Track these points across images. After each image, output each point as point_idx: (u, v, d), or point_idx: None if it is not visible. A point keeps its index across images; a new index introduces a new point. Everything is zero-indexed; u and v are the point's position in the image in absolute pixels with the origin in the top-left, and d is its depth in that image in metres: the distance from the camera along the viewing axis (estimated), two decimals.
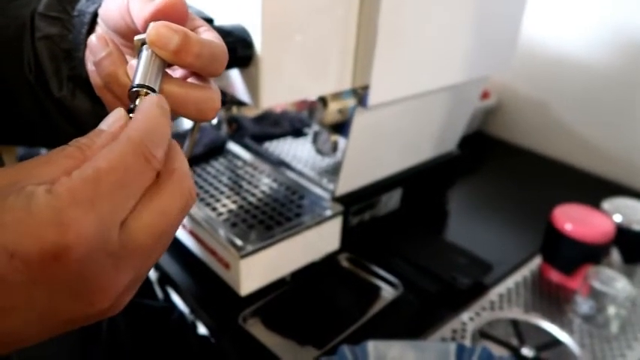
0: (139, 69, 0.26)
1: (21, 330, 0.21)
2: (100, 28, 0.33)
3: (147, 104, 0.24)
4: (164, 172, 0.24)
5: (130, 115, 0.25)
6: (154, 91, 0.26)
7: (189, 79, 0.30)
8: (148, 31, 0.27)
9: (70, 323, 0.22)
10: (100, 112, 0.35)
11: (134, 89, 0.26)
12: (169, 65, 0.28)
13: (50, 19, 0.35)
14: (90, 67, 0.32)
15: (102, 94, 0.32)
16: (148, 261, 0.23)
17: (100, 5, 0.33)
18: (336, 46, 0.53)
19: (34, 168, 0.21)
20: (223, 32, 0.47)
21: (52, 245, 0.19)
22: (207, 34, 0.29)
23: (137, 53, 0.27)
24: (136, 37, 0.28)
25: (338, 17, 0.52)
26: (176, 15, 0.28)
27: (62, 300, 0.21)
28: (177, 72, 0.30)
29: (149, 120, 0.24)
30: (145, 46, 0.27)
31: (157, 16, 0.27)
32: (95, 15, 0.34)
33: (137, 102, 0.26)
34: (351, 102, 0.66)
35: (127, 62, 0.29)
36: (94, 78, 0.31)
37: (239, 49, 0.47)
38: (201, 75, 0.30)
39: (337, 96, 0.68)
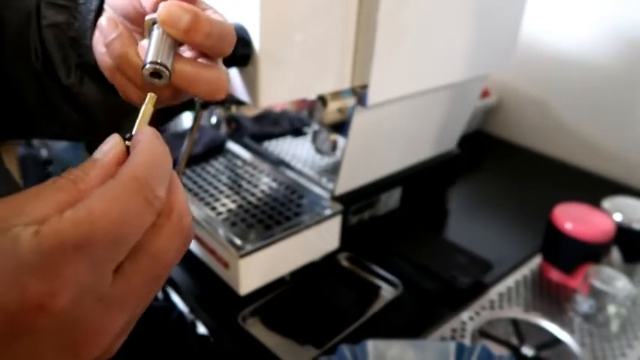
0: (151, 47, 0.26)
1: None
2: (107, 14, 0.33)
3: (147, 135, 0.23)
4: (163, 210, 0.22)
5: (127, 142, 0.23)
6: (167, 68, 0.26)
7: (199, 60, 0.30)
8: (159, 10, 0.27)
9: None
10: (109, 100, 0.35)
11: (147, 66, 0.26)
12: (179, 45, 0.28)
13: (57, 7, 0.35)
14: (100, 49, 0.32)
15: (112, 76, 0.32)
16: (142, 303, 0.22)
17: None
18: (335, 45, 0.53)
19: (24, 202, 0.20)
20: None
21: (36, 295, 0.18)
22: (215, 16, 0.30)
23: (148, 33, 0.28)
24: (147, 17, 0.28)
25: (337, 16, 0.51)
26: None
27: (46, 352, 0.19)
28: (185, 54, 0.31)
29: (152, 154, 0.22)
30: (155, 25, 0.27)
31: None
32: (102, 2, 0.34)
33: (152, 80, 0.26)
34: (350, 101, 0.66)
35: (137, 43, 0.29)
36: (104, 60, 0.31)
37: (238, 47, 0.47)
38: (209, 56, 0.30)
39: (337, 95, 0.68)
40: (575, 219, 0.65)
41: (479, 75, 0.72)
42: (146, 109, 0.26)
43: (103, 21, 0.30)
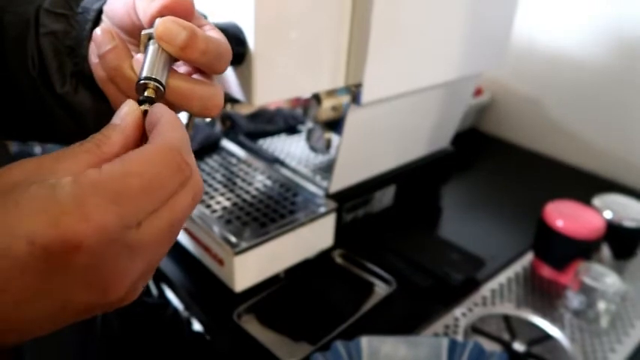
0: (146, 62, 0.27)
1: (37, 319, 0.21)
2: (104, 25, 0.34)
3: (166, 110, 0.25)
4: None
5: (142, 107, 0.25)
6: (161, 84, 0.26)
7: (194, 76, 0.30)
8: (155, 25, 0.27)
9: (84, 313, 0.22)
10: (101, 108, 0.35)
11: (141, 82, 0.26)
12: (174, 61, 0.28)
13: (55, 16, 0.35)
14: (93, 59, 0.32)
15: (105, 87, 0.32)
16: (159, 252, 0.24)
17: (104, 2, 0.33)
18: (330, 44, 0.53)
19: (56, 162, 0.22)
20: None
21: (72, 233, 0.19)
22: (212, 33, 0.30)
23: (144, 47, 0.28)
24: (143, 32, 0.28)
25: (331, 15, 0.52)
26: (183, 12, 0.28)
27: (78, 288, 0.21)
28: (181, 68, 0.31)
29: (180, 126, 0.24)
30: (151, 41, 0.27)
31: (163, 13, 0.28)
32: (100, 12, 0.34)
33: (145, 94, 0.26)
34: (345, 99, 0.67)
35: (132, 56, 0.29)
36: (98, 71, 0.31)
37: (232, 46, 0.47)
38: (204, 72, 0.30)
39: (331, 93, 0.68)
40: (566, 216, 0.65)
41: (472, 73, 0.72)
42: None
43: (98, 32, 0.30)
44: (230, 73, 0.51)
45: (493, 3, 0.68)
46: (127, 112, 0.25)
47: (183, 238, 0.67)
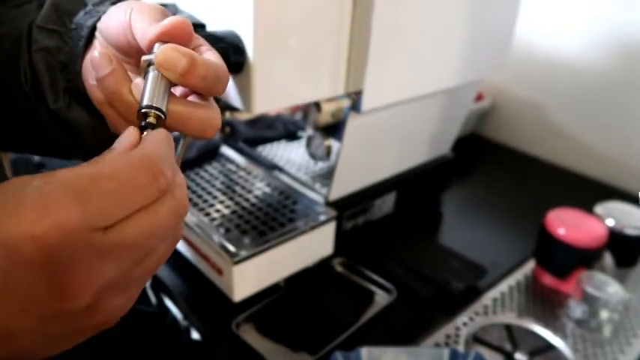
0: (147, 89, 0.27)
1: (3, 325, 0.21)
2: (98, 42, 0.33)
3: (159, 130, 0.26)
4: (169, 187, 0.24)
5: (143, 131, 0.26)
6: (162, 111, 0.27)
7: (191, 97, 0.30)
8: (155, 53, 0.27)
9: (53, 322, 0.22)
10: (97, 124, 0.35)
11: (143, 110, 0.27)
12: (173, 85, 0.28)
13: (48, 32, 0.35)
14: (90, 81, 0.32)
15: (103, 109, 0.32)
16: (137, 265, 0.23)
17: (98, 19, 0.33)
18: (329, 53, 0.53)
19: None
20: (215, 38, 0.47)
21: (31, 225, 0.19)
22: (209, 54, 0.30)
23: (144, 73, 0.28)
24: (143, 58, 0.28)
25: (330, 24, 0.51)
26: (182, 37, 0.28)
27: (38, 285, 0.20)
28: (178, 89, 0.31)
29: (163, 140, 0.25)
30: (151, 67, 0.27)
31: (162, 37, 0.28)
32: (93, 29, 0.34)
33: (147, 120, 0.27)
34: (345, 102, 0.66)
35: (130, 80, 0.29)
36: (95, 93, 0.31)
37: (231, 55, 0.47)
38: (202, 94, 0.30)
39: (331, 98, 0.67)
40: (568, 224, 0.65)
41: (473, 80, 0.72)
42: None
43: (95, 55, 0.29)
44: (229, 81, 0.51)
45: (494, 8, 0.68)
46: (126, 136, 0.26)
47: (181, 246, 0.67)
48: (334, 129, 0.71)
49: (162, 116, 0.27)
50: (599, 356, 0.57)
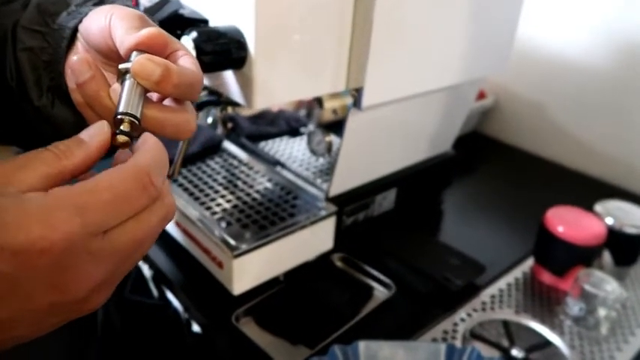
0: (123, 97, 0.29)
1: (6, 319, 0.23)
2: (80, 44, 0.35)
3: (152, 138, 0.28)
4: (158, 195, 0.26)
5: (117, 136, 0.28)
6: (136, 118, 0.28)
7: (166, 102, 0.32)
8: (132, 63, 0.29)
9: (48, 313, 0.24)
10: (80, 121, 0.36)
11: (119, 117, 0.28)
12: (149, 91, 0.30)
13: (31, 32, 0.36)
14: (71, 85, 0.33)
15: (83, 111, 0.33)
16: (124, 263, 0.26)
17: (80, 21, 0.35)
18: (330, 48, 0.53)
19: (11, 173, 0.24)
20: (217, 33, 0.47)
21: (38, 239, 0.22)
22: (185, 60, 0.31)
23: (120, 80, 0.29)
24: (120, 66, 0.30)
25: (332, 19, 0.52)
26: (157, 46, 0.30)
27: (42, 287, 0.23)
28: (155, 94, 0.32)
29: (156, 152, 0.27)
30: (127, 75, 0.29)
31: (139, 47, 0.30)
32: (75, 30, 0.35)
33: (122, 127, 0.28)
34: (347, 100, 0.67)
35: (109, 85, 0.31)
36: (76, 95, 0.33)
37: (233, 50, 0.48)
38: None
39: (335, 95, 0.68)
40: (567, 222, 0.65)
41: (475, 78, 0.72)
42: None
43: (75, 60, 0.31)
44: (230, 77, 0.52)
45: (496, 7, 0.68)
46: (97, 133, 0.27)
47: (183, 239, 0.68)
48: (337, 125, 0.72)
49: (137, 122, 0.29)
50: (596, 353, 0.57)
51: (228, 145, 0.83)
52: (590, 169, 1.00)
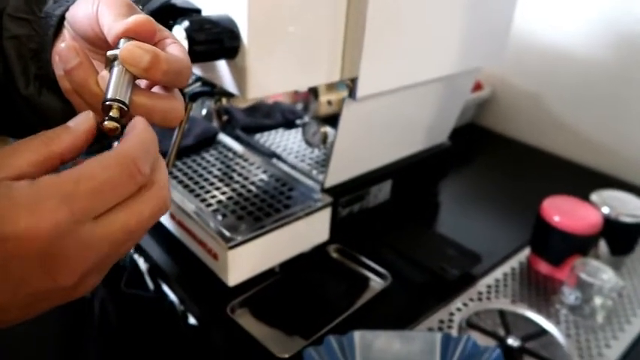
0: (111, 83, 0.28)
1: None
2: (67, 32, 0.35)
3: (141, 124, 0.28)
4: (147, 183, 0.27)
5: (105, 122, 0.28)
6: (125, 104, 0.28)
7: (155, 88, 0.32)
8: (120, 49, 0.28)
9: (40, 298, 0.25)
10: (68, 109, 0.36)
11: (107, 103, 0.28)
12: (137, 78, 0.30)
13: (18, 20, 0.36)
14: (59, 72, 0.33)
15: (72, 98, 0.33)
16: (115, 251, 0.26)
17: (67, 8, 0.34)
18: (325, 38, 0.53)
19: (1, 158, 0.24)
20: (210, 23, 0.47)
21: (27, 229, 0.22)
22: (173, 47, 0.31)
23: (109, 67, 0.29)
24: (108, 53, 0.29)
25: (326, 8, 0.51)
26: (146, 33, 0.30)
27: (32, 272, 0.23)
28: (143, 81, 0.32)
29: (143, 138, 0.27)
30: (116, 62, 0.29)
31: (128, 34, 0.29)
32: (62, 17, 0.35)
33: (110, 114, 0.28)
34: (344, 93, 0.66)
35: (97, 72, 0.30)
36: (63, 83, 0.33)
37: (226, 40, 0.47)
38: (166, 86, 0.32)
39: (331, 87, 0.67)
40: (564, 212, 0.65)
41: (470, 68, 0.72)
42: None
43: (62, 47, 0.30)
44: (224, 67, 0.51)
45: None
46: (84, 120, 0.28)
47: (178, 232, 0.67)
48: (332, 117, 0.72)
49: (126, 108, 0.28)
50: (592, 342, 0.58)
51: (224, 138, 0.83)
52: (586, 159, 1.00)
